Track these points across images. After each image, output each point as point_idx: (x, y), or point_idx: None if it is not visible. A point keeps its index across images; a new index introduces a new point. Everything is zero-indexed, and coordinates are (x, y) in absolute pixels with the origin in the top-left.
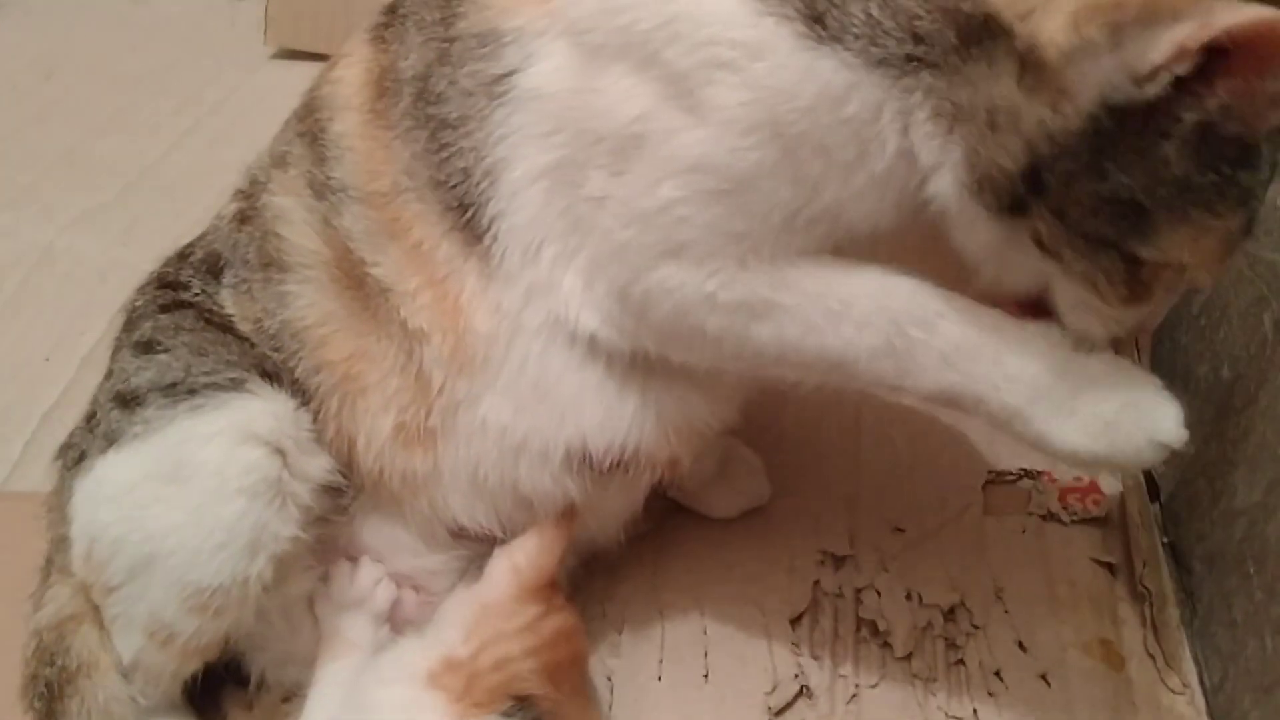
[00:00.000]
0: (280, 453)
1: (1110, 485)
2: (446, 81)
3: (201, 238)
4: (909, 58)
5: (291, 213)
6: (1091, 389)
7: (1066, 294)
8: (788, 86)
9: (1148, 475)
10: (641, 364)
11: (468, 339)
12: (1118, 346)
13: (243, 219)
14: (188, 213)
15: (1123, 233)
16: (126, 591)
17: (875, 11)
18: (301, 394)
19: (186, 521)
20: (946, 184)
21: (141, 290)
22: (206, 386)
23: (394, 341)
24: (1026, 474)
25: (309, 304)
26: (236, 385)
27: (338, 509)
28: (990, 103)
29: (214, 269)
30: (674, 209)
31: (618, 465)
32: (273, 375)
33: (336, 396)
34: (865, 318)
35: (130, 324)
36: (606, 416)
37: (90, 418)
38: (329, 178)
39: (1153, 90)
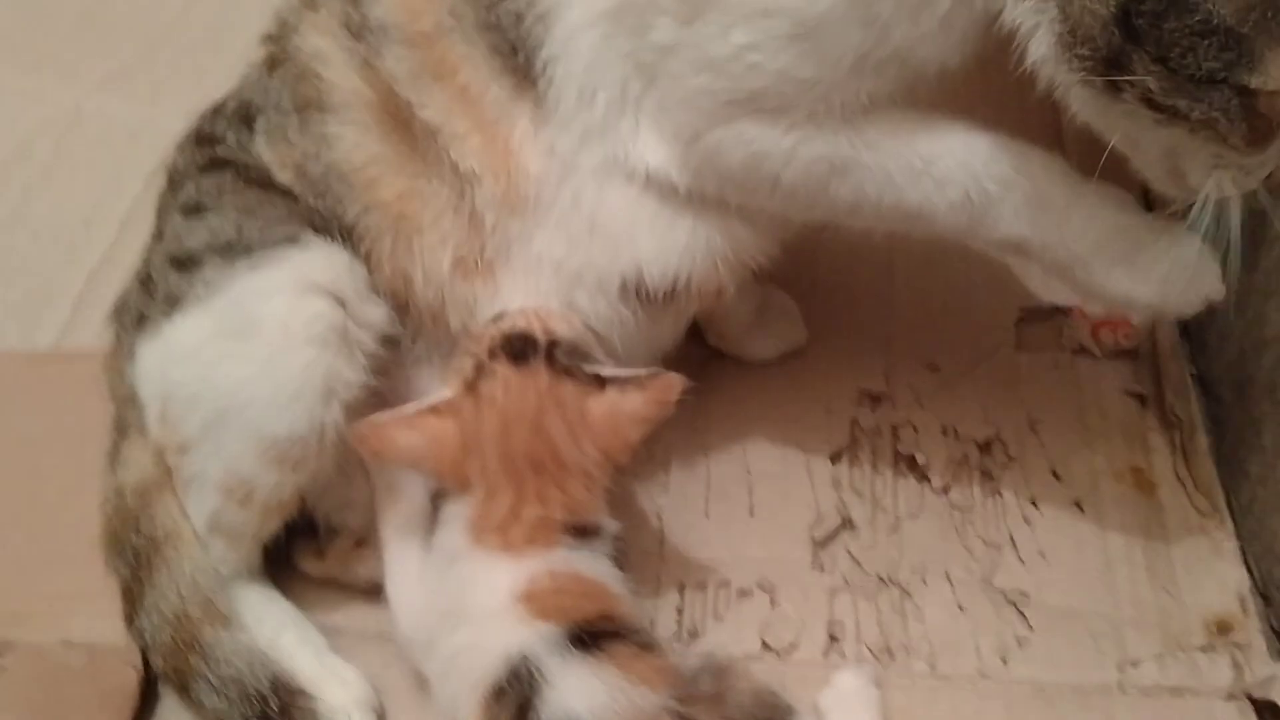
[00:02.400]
0: (341, 301)
1: (1138, 320)
2: None
3: (234, 90)
4: None
5: (328, 54)
6: (1147, 245)
7: (1194, 156)
8: None
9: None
10: (696, 200)
11: (519, 180)
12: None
13: (273, 63)
14: (213, 68)
15: (1227, 64)
16: (202, 449)
17: None
18: (352, 241)
19: (259, 374)
20: (1046, 48)
21: (180, 148)
22: (261, 244)
23: (445, 182)
24: (1058, 310)
25: (354, 145)
26: (291, 240)
27: (395, 358)
28: None
29: (246, 117)
30: (745, 55)
31: (670, 293)
32: (323, 228)
33: (390, 236)
34: (946, 174)
35: (174, 184)
36: (660, 248)
37: (146, 280)
38: (366, 17)
39: None
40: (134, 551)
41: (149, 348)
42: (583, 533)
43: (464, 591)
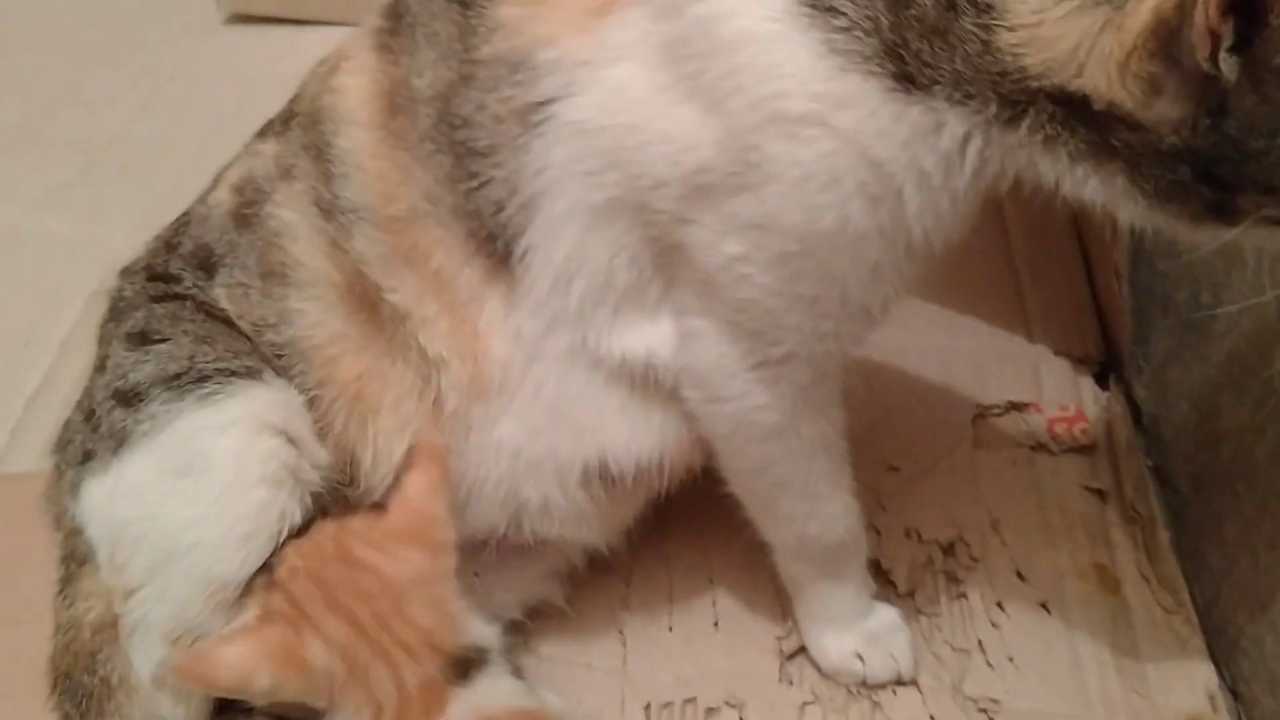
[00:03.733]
0: (294, 441)
1: (1095, 413)
2: (473, 106)
3: (185, 225)
4: (1016, 111)
5: (297, 229)
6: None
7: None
8: (883, 128)
9: (1131, 401)
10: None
11: (485, 365)
12: (1098, 270)
13: (242, 221)
14: (154, 187)
15: None
16: (147, 593)
17: (961, 66)
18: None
19: (207, 514)
20: (1136, 212)
21: (127, 277)
22: (218, 372)
23: (410, 366)
24: (1014, 406)
25: (316, 323)
26: (250, 373)
27: (338, 503)
28: (1121, 140)
29: (206, 264)
30: (736, 266)
31: (639, 477)
32: (280, 371)
33: (344, 415)
34: (827, 518)
35: (119, 313)
36: (631, 435)
37: (90, 415)
38: (337, 197)
39: (1228, 70)
40: (84, 692)
41: (95, 487)
42: (465, 664)
43: None
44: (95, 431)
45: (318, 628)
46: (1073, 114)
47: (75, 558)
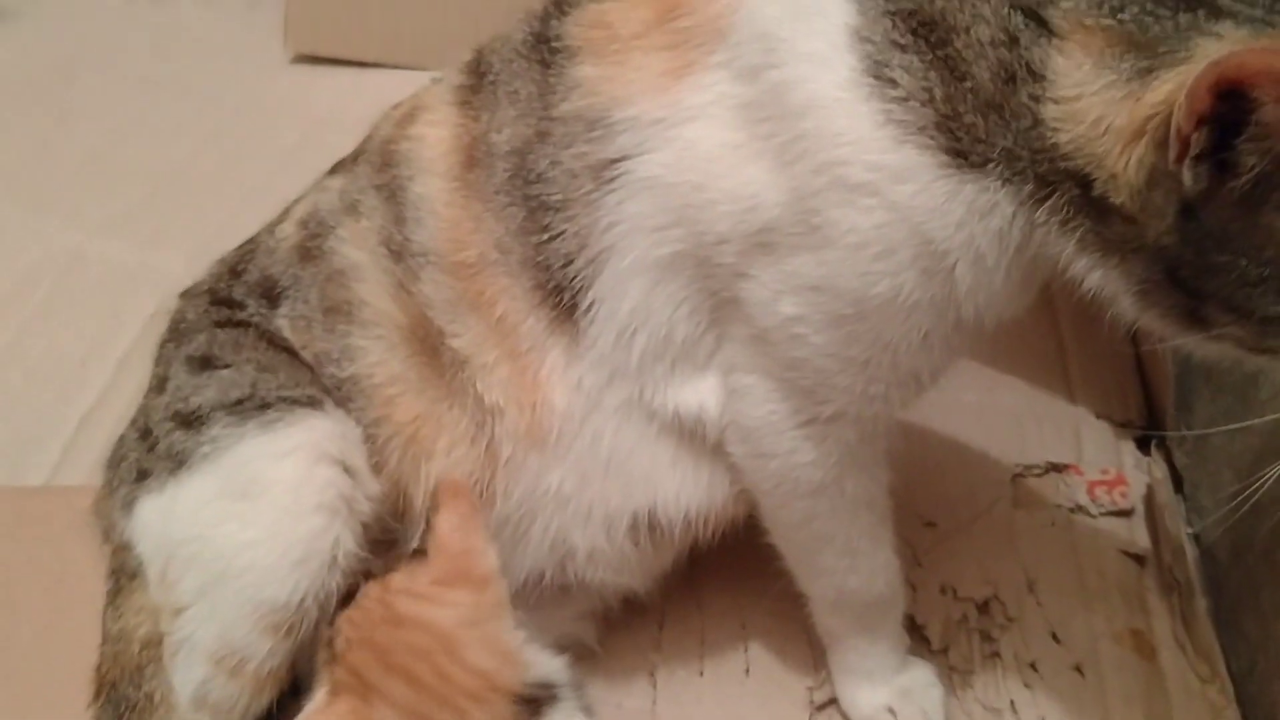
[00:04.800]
0: (350, 471)
1: (1136, 478)
2: (548, 161)
3: (250, 254)
4: (1046, 191)
5: (364, 269)
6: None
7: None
8: (937, 205)
9: (1172, 467)
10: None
11: (544, 414)
12: (1142, 334)
13: (306, 255)
14: (214, 216)
15: None
16: (195, 612)
17: (1012, 143)
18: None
19: (261, 538)
20: (1128, 308)
21: (189, 300)
22: (281, 400)
23: (466, 412)
24: (1054, 467)
25: (377, 362)
26: (312, 402)
27: (386, 536)
28: (1116, 233)
29: (269, 294)
30: (791, 326)
31: (685, 528)
32: (340, 402)
33: (398, 455)
34: (867, 573)
35: (180, 335)
36: (681, 487)
37: (146, 434)
38: (408, 239)
39: (1193, 179)
40: (128, 705)
41: (151, 505)
42: (535, 702)
43: None
44: (152, 451)
45: (383, 694)
46: (1086, 200)
47: (125, 572)
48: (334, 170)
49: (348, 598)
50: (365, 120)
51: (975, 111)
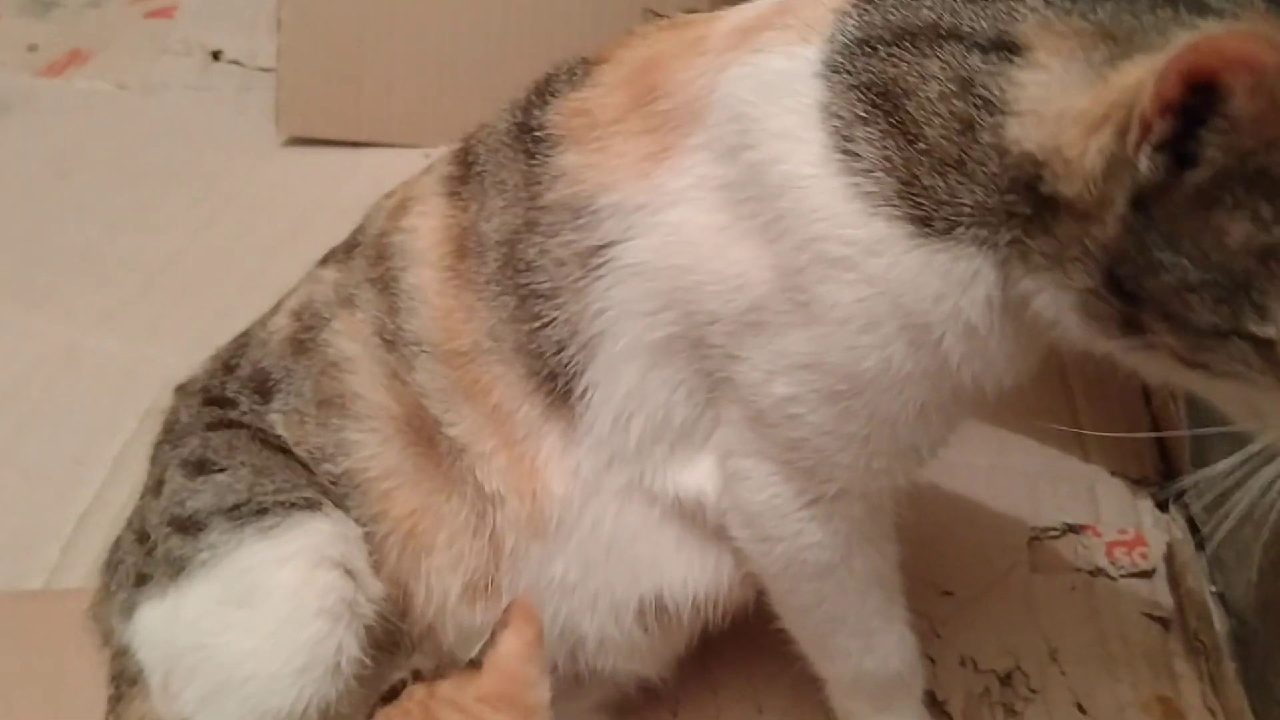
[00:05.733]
0: (352, 574)
1: (1155, 536)
2: (537, 250)
3: (243, 348)
4: (1011, 229)
5: (358, 362)
6: None
7: (1231, 404)
8: (911, 278)
9: (1191, 524)
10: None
11: (544, 501)
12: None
13: (299, 347)
14: (210, 307)
15: (1232, 316)
16: None
17: (982, 196)
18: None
19: (263, 646)
20: (1076, 328)
21: (183, 399)
22: (278, 505)
23: (466, 502)
24: (1071, 529)
25: (372, 455)
26: (310, 505)
27: (389, 638)
28: (1064, 235)
29: (262, 389)
30: (787, 406)
31: (695, 613)
32: (337, 502)
33: (397, 551)
34: (883, 652)
35: (174, 436)
36: (689, 571)
37: (143, 538)
38: (401, 329)
39: (1149, 167)
40: None
41: (150, 612)
42: None
43: None
44: (150, 555)
45: None
46: (1036, 206)
47: (125, 678)
48: (326, 260)
49: (391, 694)
50: (358, 201)
51: (934, 173)
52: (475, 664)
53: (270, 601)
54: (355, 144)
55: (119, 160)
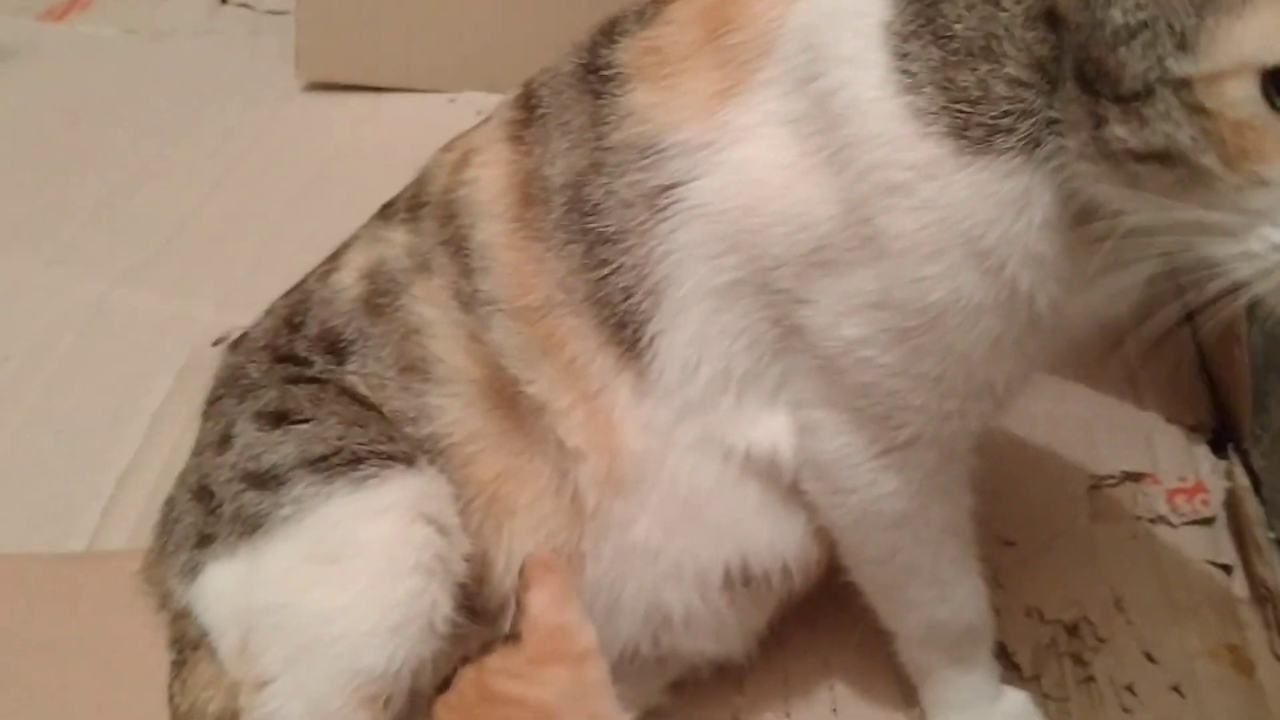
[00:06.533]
0: (445, 531)
1: (1213, 483)
2: (603, 192)
3: (304, 305)
4: (1048, 108)
5: (437, 325)
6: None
7: (1184, 217)
8: (964, 199)
9: (1250, 470)
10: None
11: (622, 458)
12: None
13: (375, 311)
14: (238, 259)
15: (1156, 58)
16: (282, 685)
17: (1002, 90)
18: None
19: (355, 603)
20: (1103, 192)
21: (248, 356)
22: (373, 455)
23: (548, 462)
24: (1130, 476)
25: (455, 420)
26: (406, 458)
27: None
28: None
29: (334, 349)
30: (857, 349)
31: (783, 577)
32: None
33: (479, 515)
34: (957, 602)
35: (243, 391)
36: (773, 535)
37: (203, 495)
38: (476, 290)
39: None
40: None
41: (221, 572)
42: None
43: None
44: (213, 514)
45: None
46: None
47: (187, 642)
48: (386, 216)
49: (443, 685)
50: (382, 149)
51: (966, 69)
52: (514, 636)
53: (363, 556)
54: (376, 89)
55: (131, 109)
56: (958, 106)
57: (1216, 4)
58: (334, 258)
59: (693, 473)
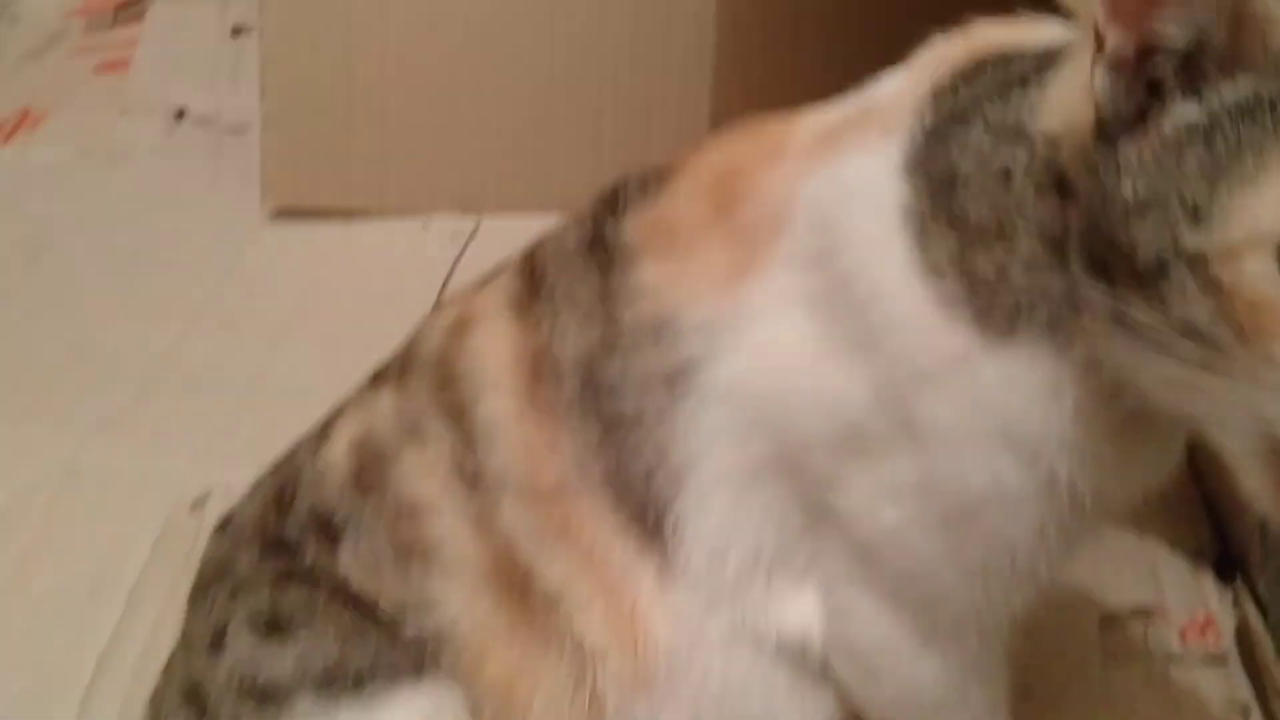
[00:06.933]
0: None
1: (1222, 615)
2: (618, 372)
3: (293, 482)
4: (1064, 288)
5: (437, 505)
6: None
7: (1199, 390)
8: (994, 389)
9: (1259, 603)
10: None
11: (647, 652)
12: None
13: (363, 486)
14: (215, 409)
15: (1170, 231)
16: None
17: (1018, 271)
18: None
19: None
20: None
21: (235, 543)
22: (374, 676)
23: (564, 659)
24: (1140, 612)
25: (460, 611)
26: (414, 666)
27: None
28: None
29: (327, 530)
30: (897, 535)
31: None
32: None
33: (489, 717)
34: None
35: (231, 585)
36: (804, 717)
37: (193, 697)
38: (483, 465)
39: (1097, 80)
40: None
41: None
42: None
43: None
44: None
45: None
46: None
47: None
48: (376, 382)
49: None
50: (358, 281)
51: (982, 251)
52: None
53: None
54: (346, 213)
55: (92, 240)
56: (979, 292)
57: (1230, 172)
58: (325, 427)
59: (725, 665)
